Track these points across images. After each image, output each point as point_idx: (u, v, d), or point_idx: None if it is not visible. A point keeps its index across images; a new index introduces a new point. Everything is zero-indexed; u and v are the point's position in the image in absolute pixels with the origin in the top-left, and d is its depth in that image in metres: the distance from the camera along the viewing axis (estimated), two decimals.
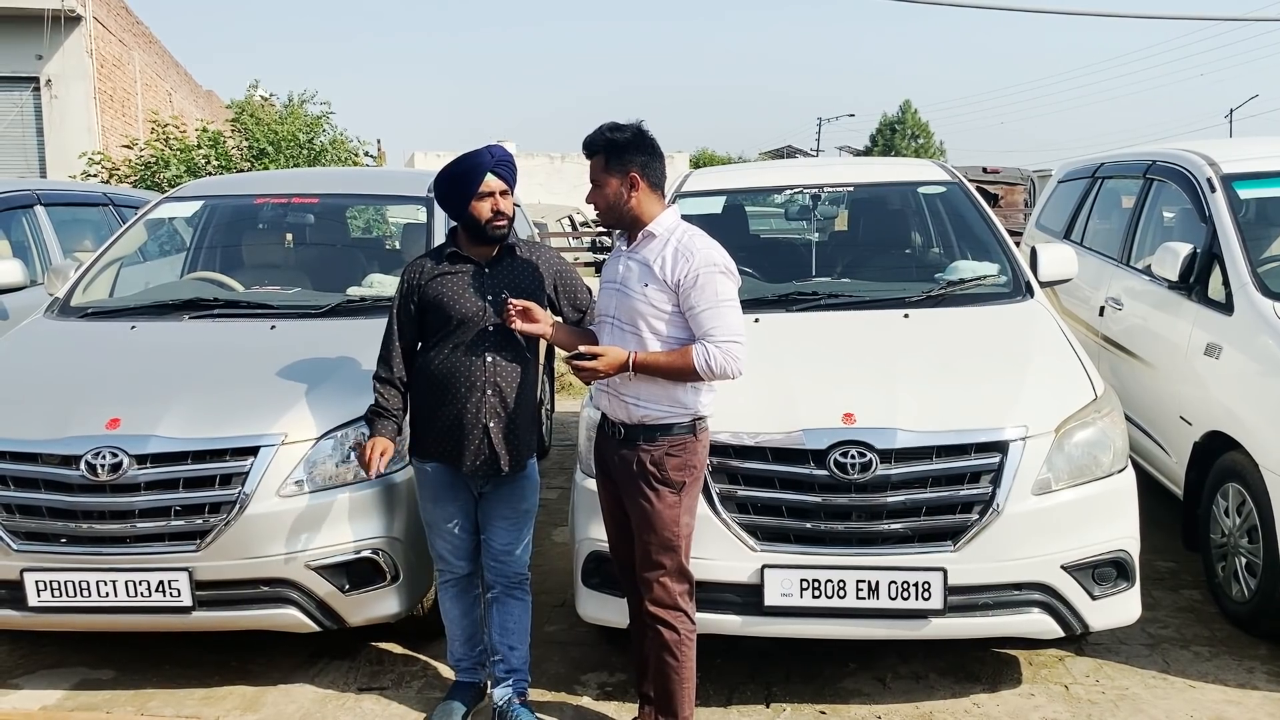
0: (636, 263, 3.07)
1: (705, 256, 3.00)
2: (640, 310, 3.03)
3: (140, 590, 3.46)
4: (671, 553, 3.07)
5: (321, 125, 16.12)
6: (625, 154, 3.04)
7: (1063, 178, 7.25)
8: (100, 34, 14.61)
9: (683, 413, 3.05)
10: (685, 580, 3.12)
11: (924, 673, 3.81)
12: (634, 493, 3.08)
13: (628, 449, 3.08)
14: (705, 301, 2.97)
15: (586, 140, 3.11)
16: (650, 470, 3.04)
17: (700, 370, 2.96)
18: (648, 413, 3.04)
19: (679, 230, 3.08)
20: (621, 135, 3.06)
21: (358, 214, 9.48)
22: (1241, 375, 4.16)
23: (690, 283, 2.97)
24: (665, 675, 3.12)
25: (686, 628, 3.12)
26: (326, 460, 3.60)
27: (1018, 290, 4.42)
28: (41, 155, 14.03)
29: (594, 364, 2.98)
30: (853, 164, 9.27)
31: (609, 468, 3.19)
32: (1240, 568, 4.11)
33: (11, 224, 6.44)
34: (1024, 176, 15.82)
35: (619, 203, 3.07)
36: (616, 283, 3.12)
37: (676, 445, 3.05)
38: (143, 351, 4.22)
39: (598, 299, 3.26)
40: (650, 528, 3.06)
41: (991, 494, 3.32)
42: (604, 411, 3.18)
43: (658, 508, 3.04)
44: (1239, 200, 4.67)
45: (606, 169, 3.06)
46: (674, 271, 2.99)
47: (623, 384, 3.05)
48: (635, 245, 3.11)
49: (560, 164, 36.63)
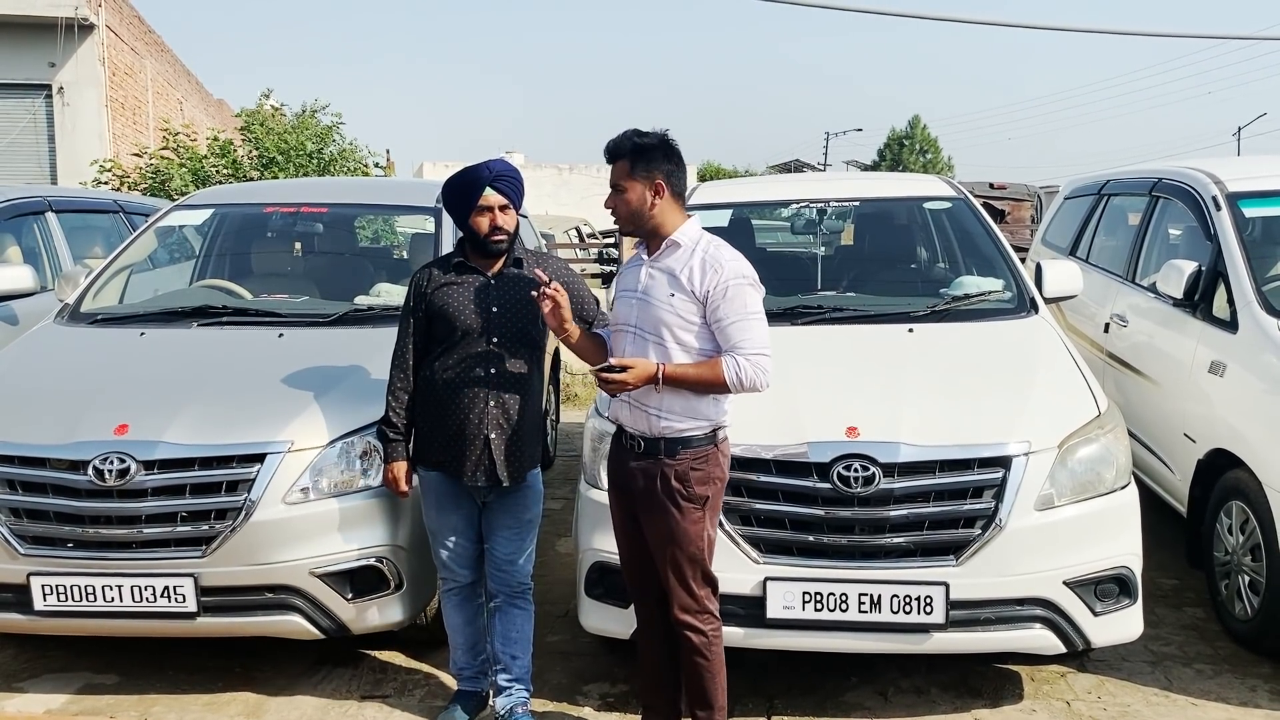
0: (661, 272, 3.04)
1: (734, 268, 2.99)
2: (665, 320, 3.00)
3: (146, 595, 3.48)
4: (696, 563, 3.07)
5: (331, 135, 16.17)
6: (652, 160, 3.02)
7: (1069, 194, 7.27)
8: (113, 42, 14.70)
9: (704, 423, 3.04)
10: (709, 584, 3.12)
11: (925, 687, 3.81)
12: (656, 509, 3.05)
13: (648, 463, 3.06)
14: (734, 314, 2.96)
15: (612, 144, 3.07)
16: (675, 487, 3.02)
17: (730, 383, 2.95)
18: (670, 424, 3.01)
19: (704, 241, 3.07)
20: (648, 141, 3.04)
21: (366, 224, 9.53)
22: (1246, 393, 4.17)
23: (719, 295, 2.96)
24: (698, 674, 3.13)
25: (712, 627, 3.12)
26: (332, 468, 3.62)
27: (1022, 306, 4.43)
28: (53, 162, 14.10)
29: (623, 376, 2.93)
30: (859, 179, 9.30)
31: (624, 481, 3.15)
32: (1244, 586, 4.11)
33: (22, 230, 6.48)
34: (1030, 192, 15.80)
35: (642, 209, 3.04)
36: (638, 292, 3.08)
37: (699, 458, 3.03)
38: (151, 358, 4.25)
39: (615, 308, 3.22)
40: (675, 543, 3.05)
41: (994, 509, 3.32)
42: (622, 424, 3.15)
43: (683, 525, 3.03)
44: (1244, 218, 4.68)
45: (631, 174, 3.03)
46: (702, 283, 2.97)
47: (646, 395, 3.02)
48: (658, 254, 3.07)
49: (568, 175, 36.74)
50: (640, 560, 3.20)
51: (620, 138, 3.07)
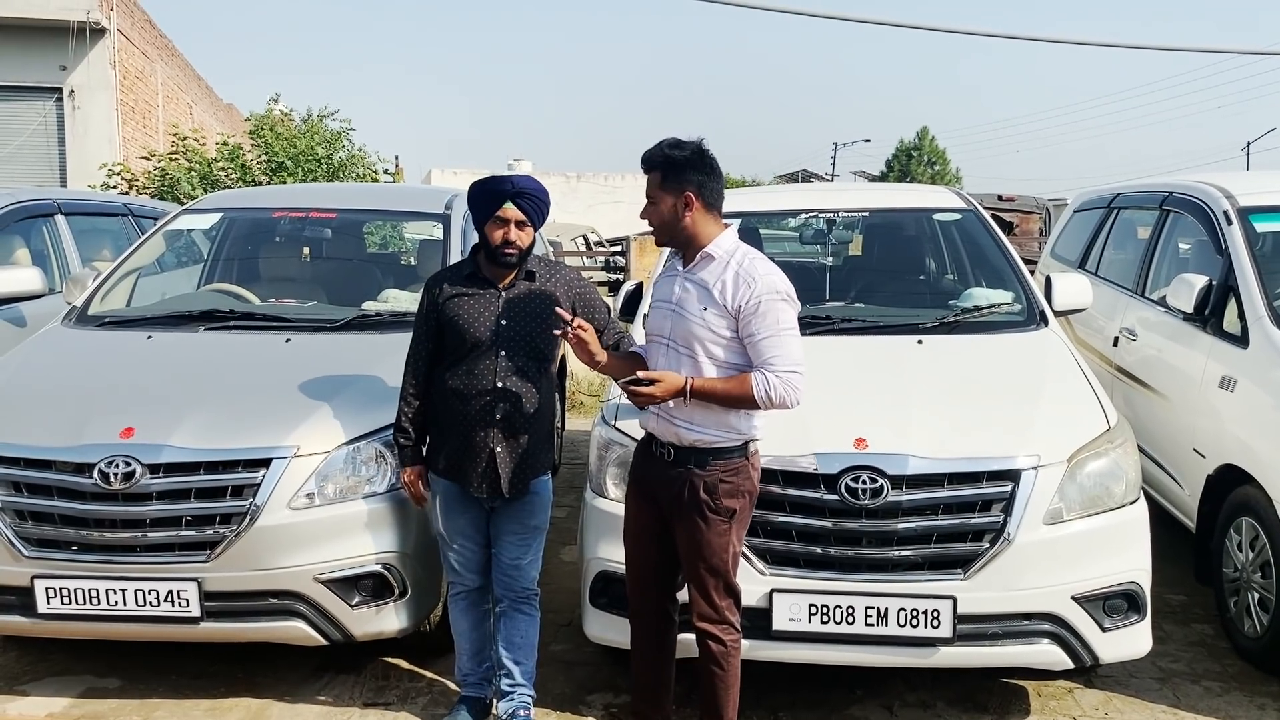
0: (694, 285, 3.03)
1: (768, 283, 2.96)
2: (697, 334, 2.99)
3: (149, 599, 3.47)
4: (718, 574, 3.06)
5: (341, 141, 16.20)
6: (683, 172, 3.00)
7: (1079, 207, 7.25)
8: (124, 46, 14.76)
9: (735, 436, 3.02)
10: (731, 594, 3.11)
11: (931, 701, 3.79)
12: (683, 518, 3.04)
13: (679, 472, 3.04)
14: (766, 329, 2.94)
15: (646, 155, 3.06)
16: (703, 499, 3.01)
17: (759, 399, 2.92)
18: (700, 437, 3.00)
19: (739, 253, 3.04)
20: (680, 153, 3.02)
21: (374, 229, 9.54)
22: (1256, 409, 4.14)
23: (752, 309, 2.93)
24: (712, 684, 3.12)
25: (732, 638, 3.11)
26: (338, 474, 3.61)
27: (1032, 319, 4.42)
28: (63, 165, 14.15)
29: (651, 390, 2.91)
30: (868, 189, 9.29)
31: (651, 488, 3.14)
32: (1253, 603, 4.08)
33: (31, 232, 6.49)
34: (1040, 205, 15.81)
35: (673, 221, 3.03)
36: (672, 303, 3.06)
37: (729, 470, 3.02)
38: (158, 361, 4.25)
39: (649, 318, 3.20)
40: (700, 554, 3.04)
41: (1003, 523, 3.31)
42: (652, 432, 3.13)
43: (708, 536, 3.02)
44: (1255, 233, 4.67)
45: (662, 186, 3.02)
46: (735, 297, 2.95)
47: (676, 408, 3.01)
48: (692, 266, 3.06)
49: (575, 183, 36.74)
50: (648, 568, 3.19)
51: (654, 148, 3.06)
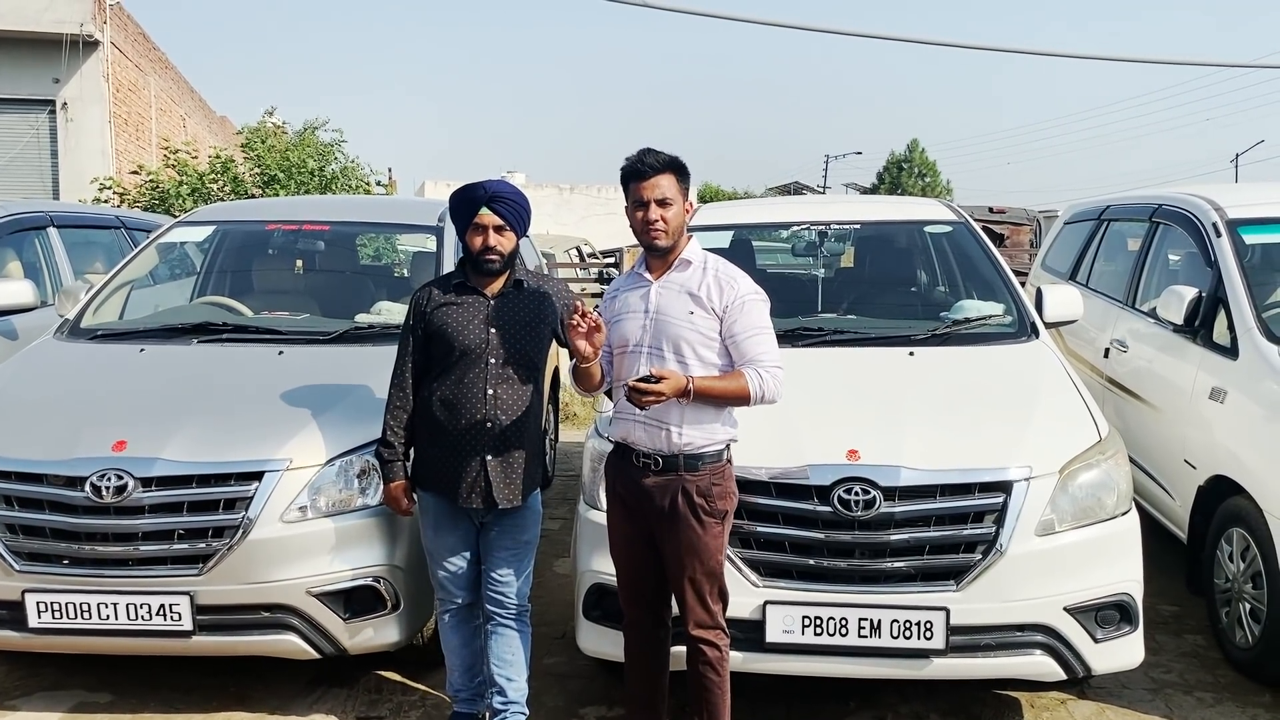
0: (676, 290, 3.09)
1: (747, 284, 3.11)
2: (686, 337, 3.03)
3: (141, 613, 3.46)
4: (714, 578, 3.08)
5: (333, 153, 16.21)
6: (686, 177, 3.13)
7: (1069, 219, 7.29)
8: (117, 59, 14.78)
9: (720, 439, 3.08)
10: (723, 599, 3.13)
11: (925, 713, 3.79)
12: (676, 525, 3.05)
13: (668, 479, 3.05)
14: (750, 328, 3.04)
15: (650, 160, 3.07)
16: (698, 503, 3.03)
17: (753, 395, 3.00)
18: (690, 440, 3.03)
19: (711, 259, 3.15)
20: (678, 158, 3.12)
21: (367, 242, 9.55)
22: (1246, 420, 4.16)
23: (737, 309, 3.04)
24: (708, 690, 3.12)
25: (725, 643, 3.13)
26: (330, 487, 3.60)
27: (1023, 330, 4.43)
28: (55, 177, 14.15)
29: (660, 386, 2.90)
30: (860, 202, 9.32)
31: (636, 499, 3.12)
32: (1245, 613, 4.09)
33: (24, 245, 6.49)
34: (1030, 217, 15.83)
35: (682, 224, 3.13)
36: (649, 312, 3.09)
37: (717, 473, 3.07)
38: (151, 374, 4.24)
39: (614, 331, 3.17)
40: (696, 558, 3.05)
41: (995, 534, 3.31)
42: (633, 444, 3.12)
43: (704, 539, 3.04)
44: (1244, 245, 4.69)
45: (679, 187, 3.10)
46: (721, 298, 3.05)
47: (665, 412, 3.01)
48: (668, 273, 3.12)
49: (569, 195, 36.82)
50: (640, 579, 3.19)
51: (656, 152, 3.11)
